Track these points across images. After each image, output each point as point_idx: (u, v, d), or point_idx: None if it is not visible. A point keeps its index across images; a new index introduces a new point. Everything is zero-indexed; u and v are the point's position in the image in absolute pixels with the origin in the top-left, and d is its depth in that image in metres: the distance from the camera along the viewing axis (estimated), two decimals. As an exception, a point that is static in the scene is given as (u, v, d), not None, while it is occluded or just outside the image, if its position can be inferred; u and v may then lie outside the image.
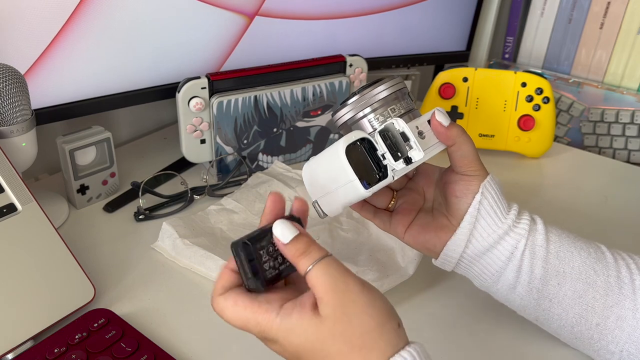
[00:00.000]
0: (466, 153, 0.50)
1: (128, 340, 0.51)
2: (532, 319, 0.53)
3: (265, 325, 0.39)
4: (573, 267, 0.49)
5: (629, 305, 0.47)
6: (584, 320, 0.49)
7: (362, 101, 0.49)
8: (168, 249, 0.64)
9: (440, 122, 0.49)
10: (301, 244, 0.39)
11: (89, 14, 0.67)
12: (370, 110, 0.49)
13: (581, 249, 0.50)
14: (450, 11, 0.96)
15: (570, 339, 0.51)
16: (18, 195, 0.55)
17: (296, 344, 0.38)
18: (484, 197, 0.50)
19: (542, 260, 0.49)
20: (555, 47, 1.03)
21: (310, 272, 0.38)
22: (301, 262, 0.39)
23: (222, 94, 0.74)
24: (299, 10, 0.82)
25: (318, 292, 0.38)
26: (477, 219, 0.50)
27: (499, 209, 0.50)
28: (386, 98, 0.49)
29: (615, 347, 0.48)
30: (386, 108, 0.49)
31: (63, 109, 0.71)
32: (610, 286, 0.48)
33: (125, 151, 0.88)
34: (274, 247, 0.41)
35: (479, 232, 0.50)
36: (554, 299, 0.49)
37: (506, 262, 0.50)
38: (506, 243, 0.50)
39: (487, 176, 0.51)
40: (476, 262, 0.51)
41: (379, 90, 0.49)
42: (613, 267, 0.49)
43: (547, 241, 0.50)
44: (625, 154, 0.96)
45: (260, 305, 0.39)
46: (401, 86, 0.50)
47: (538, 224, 0.50)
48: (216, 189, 0.77)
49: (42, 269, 0.54)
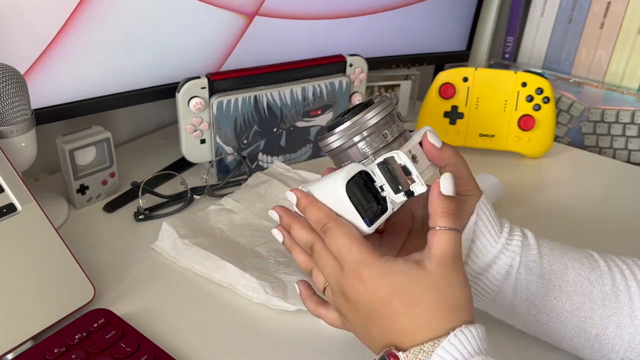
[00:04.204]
0: (460, 174, 0.49)
1: (128, 340, 0.51)
2: (531, 333, 0.52)
3: (366, 257, 0.41)
4: (568, 281, 0.48)
5: (627, 312, 0.47)
6: (582, 332, 0.48)
7: (352, 129, 0.47)
8: (168, 249, 0.64)
9: (433, 144, 0.48)
10: (453, 205, 0.43)
11: (89, 13, 0.67)
12: (360, 139, 0.47)
13: (574, 260, 0.49)
14: (450, 11, 0.96)
15: (570, 349, 0.51)
16: (18, 195, 0.55)
17: (393, 284, 0.40)
18: (479, 217, 0.48)
19: (537, 275, 0.49)
20: (555, 47, 1.03)
21: (443, 232, 0.42)
22: (442, 218, 0.42)
23: (222, 94, 0.74)
24: (299, 10, 0.82)
25: (436, 250, 0.41)
26: (472, 240, 0.49)
27: (493, 229, 0.49)
28: (377, 124, 0.47)
29: (616, 356, 0.48)
30: (377, 135, 0.47)
31: (63, 109, 0.71)
32: (607, 295, 0.48)
33: (125, 151, 0.88)
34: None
35: (475, 253, 0.49)
36: (552, 313, 0.49)
37: (502, 281, 0.49)
38: (502, 262, 0.49)
39: (481, 195, 0.49)
40: (474, 284, 0.50)
41: (369, 117, 0.47)
42: (607, 275, 0.48)
43: (540, 255, 0.49)
44: (626, 154, 0.96)
45: (369, 245, 0.43)
46: (391, 109, 0.48)
47: (530, 239, 0.50)
48: (216, 189, 0.77)
49: (42, 269, 0.54)
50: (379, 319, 0.41)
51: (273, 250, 0.64)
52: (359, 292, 0.42)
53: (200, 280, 0.61)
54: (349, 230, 0.43)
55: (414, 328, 0.40)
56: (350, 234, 0.43)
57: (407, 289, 0.40)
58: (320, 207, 0.45)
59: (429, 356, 0.39)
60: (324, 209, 0.45)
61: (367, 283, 0.41)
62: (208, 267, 0.61)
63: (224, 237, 0.66)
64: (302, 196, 0.46)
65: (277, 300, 0.57)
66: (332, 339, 0.54)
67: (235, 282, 0.59)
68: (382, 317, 0.41)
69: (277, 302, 0.57)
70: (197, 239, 0.63)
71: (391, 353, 0.40)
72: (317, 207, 0.45)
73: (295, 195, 0.47)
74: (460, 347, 0.39)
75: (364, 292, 0.41)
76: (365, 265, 0.41)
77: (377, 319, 0.41)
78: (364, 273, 0.41)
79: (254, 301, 0.58)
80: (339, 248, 0.43)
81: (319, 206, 0.45)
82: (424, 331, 0.40)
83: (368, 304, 0.41)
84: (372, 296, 0.41)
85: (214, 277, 0.60)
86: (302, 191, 0.47)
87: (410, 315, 0.40)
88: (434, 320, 0.40)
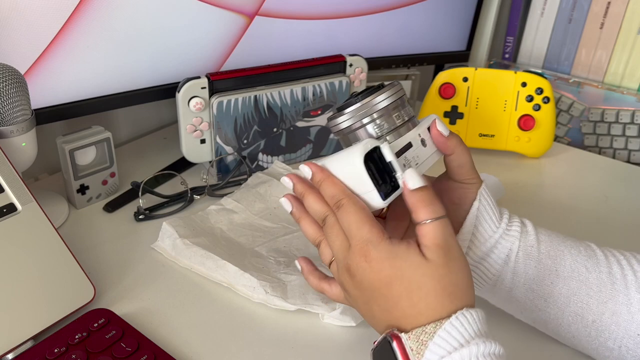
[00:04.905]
0: (463, 162, 0.51)
1: (128, 340, 0.51)
2: (529, 321, 0.53)
3: (375, 237, 0.42)
4: (565, 266, 0.50)
5: (623, 300, 0.48)
6: (579, 318, 0.49)
7: (362, 110, 0.48)
8: (168, 249, 0.64)
9: (441, 131, 0.50)
10: (427, 196, 0.42)
11: (89, 13, 0.67)
12: (369, 120, 0.48)
13: (571, 247, 0.51)
14: (450, 11, 0.96)
15: (569, 338, 0.51)
16: (18, 195, 0.55)
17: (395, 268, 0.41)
18: (481, 203, 0.50)
19: (535, 260, 0.50)
20: (555, 47, 1.03)
21: (428, 224, 0.42)
22: (422, 212, 0.42)
23: (222, 94, 0.74)
24: (299, 10, 0.82)
25: (428, 242, 0.41)
26: (475, 224, 0.50)
27: (494, 215, 0.51)
28: (387, 107, 0.48)
29: (614, 344, 0.48)
30: (387, 117, 0.48)
31: (63, 109, 0.71)
32: (603, 282, 0.49)
33: (125, 151, 0.88)
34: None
35: (477, 238, 0.51)
36: (549, 298, 0.50)
37: (502, 266, 0.50)
38: (502, 247, 0.50)
39: (482, 183, 0.51)
40: (475, 269, 0.52)
41: (380, 100, 0.47)
42: (604, 263, 0.49)
43: (538, 242, 0.50)
44: (626, 154, 0.96)
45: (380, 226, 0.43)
46: (401, 93, 0.49)
47: (528, 226, 0.51)
48: (216, 189, 0.77)
49: (42, 269, 0.54)
50: (382, 299, 0.42)
51: (273, 250, 0.64)
52: (364, 270, 0.42)
53: (200, 280, 0.61)
54: (363, 208, 0.44)
55: (414, 312, 0.41)
56: (364, 212, 0.43)
57: (407, 274, 0.41)
58: (336, 182, 0.45)
59: (431, 338, 0.39)
60: (340, 184, 0.45)
61: (372, 262, 0.42)
62: (208, 267, 0.61)
63: (224, 237, 0.66)
64: (318, 170, 0.46)
65: (277, 300, 0.57)
66: (332, 339, 0.55)
67: (236, 282, 0.59)
68: (384, 298, 0.42)
69: (277, 302, 0.57)
70: (197, 239, 0.63)
71: (393, 334, 0.41)
72: (333, 182, 0.45)
73: (311, 169, 0.46)
74: (461, 329, 0.39)
75: (368, 271, 0.42)
76: (373, 245, 0.42)
77: (380, 299, 0.42)
78: (371, 252, 0.42)
79: (254, 301, 0.58)
80: (349, 224, 0.43)
81: (335, 181, 0.45)
82: (424, 315, 0.40)
83: (372, 284, 0.42)
84: (376, 276, 0.42)
85: (214, 277, 0.60)
86: (317, 165, 0.47)
87: (410, 300, 0.41)
88: (433, 306, 0.40)
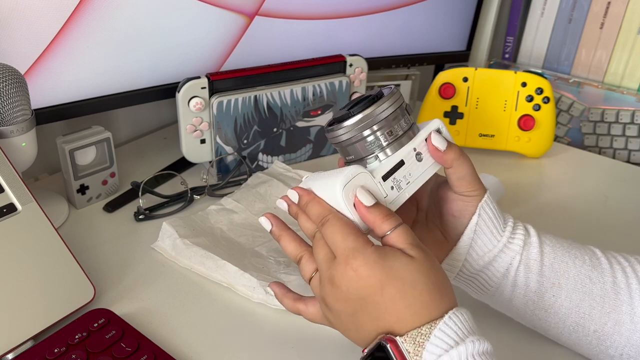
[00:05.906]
0: (464, 175, 0.49)
1: (128, 340, 0.51)
2: (529, 326, 0.53)
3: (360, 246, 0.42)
4: (568, 278, 0.49)
5: (626, 309, 0.47)
6: (581, 327, 0.49)
7: (362, 123, 0.46)
8: (168, 249, 0.64)
9: (437, 147, 0.48)
10: (382, 210, 0.44)
11: (89, 13, 0.67)
12: (369, 133, 0.47)
13: (576, 258, 0.49)
14: (450, 11, 0.96)
15: (569, 344, 0.51)
16: (18, 195, 0.55)
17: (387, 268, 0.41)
18: (481, 218, 0.49)
19: (537, 274, 0.49)
20: (555, 47, 1.03)
21: (392, 233, 0.43)
22: (383, 225, 0.43)
23: (222, 94, 0.74)
24: (299, 10, 0.82)
25: (402, 244, 0.43)
26: (473, 239, 0.50)
27: (495, 228, 0.50)
28: (387, 118, 0.47)
29: (615, 352, 0.48)
30: (387, 129, 0.47)
31: (63, 109, 0.71)
32: (607, 293, 0.48)
33: (125, 151, 0.88)
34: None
35: (475, 251, 0.50)
36: (550, 309, 0.49)
37: (501, 278, 0.50)
38: (501, 260, 0.49)
39: (485, 195, 0.50)
40: (472, 280, 0.51)
41: (380, 111, 0.46)
42: (609, 272, 0.48)
43: (542, 254, 0.49)
44: (626, 154, 0.96)
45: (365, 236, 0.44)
46: (401, 101, 0.48)
47: (532, 237, 0.50)
48: (216, 189, 0.77)
49: (42, 269, 0.54)
50: (372, 306, 0.41)
51: (273, 250, 0.64)
52: (350, 280, 0.42)
53: (200, 280, 0.61)
54: (347, 222, 0.44)
55: (409, 313, 0.41)
56: (348, 225, 0.44)
57: (399, 274, 0.41)
58: (321, 202, 0.46)
59: (427, 339, 0.39)
60: (324, 203, 0.46)
61: (359, 269, 0.41)
62: (208, 267, 0.61)
63: (224, 237, 0.66)
64: (304, 193, 0.47)
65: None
66: (332, 339, 0.54)
67: (236, 282, 0.59)
68: (375, 305, 0.41)
69: (277, 302, 0.57)
70: (197, 239, 0.63)
71: (388, 338, 0.40)
72: (318, 202, 0.46)
73: (297, 192, 0.48)
74: (455, 328, 0.40)
75: (355, 279, 0.42)
76: (359, 252, 0.42)
77: (370, 306, 0.42)
78: (357, 260, 0.42)
79: (254, 301, 0.58)
80: (334, 236, 0.43)
81: (319, 201, 0.46)
82: (419, 315, 0.40)
83: (360, 292, 0.42)
84: (365, 283, 0.41)
85: (214, 277, 0.60)
86: (302, 188, 0.48)
87: (406, 300, 0.41)
88: (428, 304, 0.41)
